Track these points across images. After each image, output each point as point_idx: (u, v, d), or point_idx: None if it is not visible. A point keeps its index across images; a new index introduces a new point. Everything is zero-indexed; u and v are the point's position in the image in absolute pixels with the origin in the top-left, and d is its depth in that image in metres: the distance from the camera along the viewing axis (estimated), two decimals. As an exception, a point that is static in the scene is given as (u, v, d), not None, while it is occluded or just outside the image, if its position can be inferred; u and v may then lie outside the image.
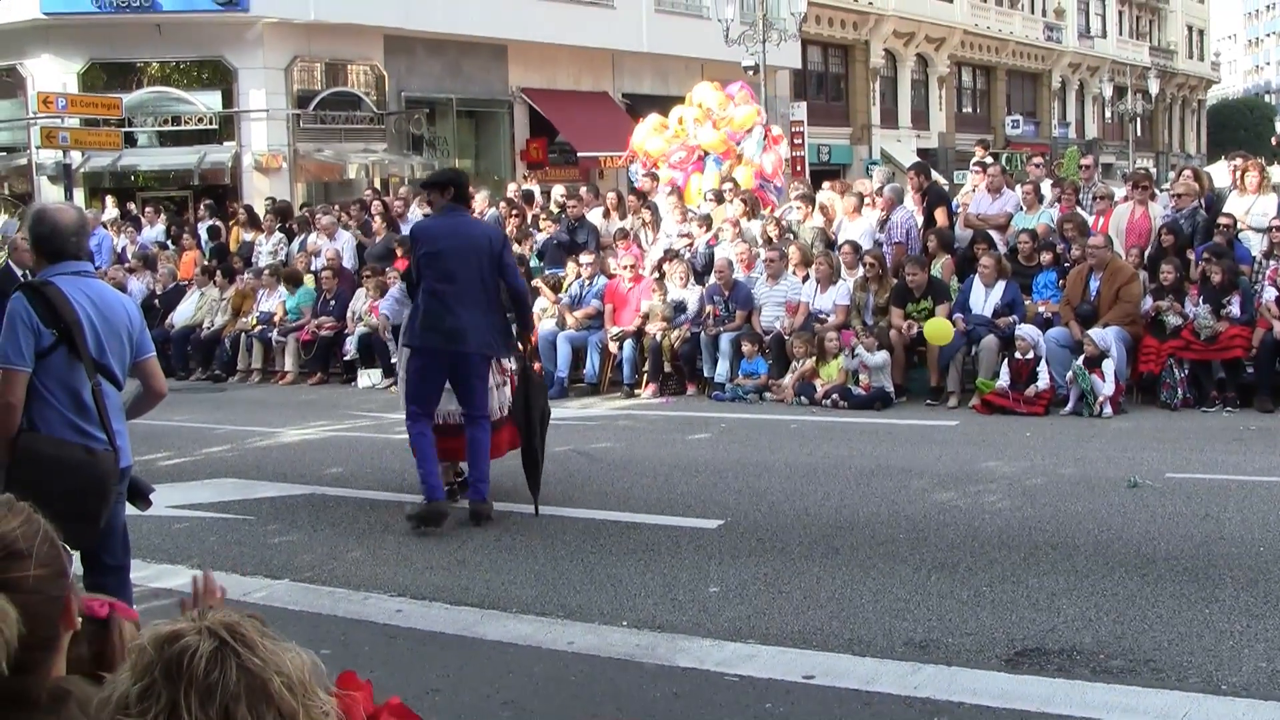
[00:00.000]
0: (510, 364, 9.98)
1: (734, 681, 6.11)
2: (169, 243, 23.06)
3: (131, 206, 27.00)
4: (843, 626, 6.84)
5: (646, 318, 16.42)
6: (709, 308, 16.23)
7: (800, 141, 42.81)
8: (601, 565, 8.24)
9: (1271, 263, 14.42)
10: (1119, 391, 13.73)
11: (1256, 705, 5.66)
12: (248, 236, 22.23)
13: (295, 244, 21.16)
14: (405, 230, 20.11)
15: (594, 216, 19.36)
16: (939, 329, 14.45)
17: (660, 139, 21.17)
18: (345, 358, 18.55)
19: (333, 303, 18.92)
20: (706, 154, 20.81)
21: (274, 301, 19.54)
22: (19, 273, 10.29)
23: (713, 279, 16.53)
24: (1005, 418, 13.54)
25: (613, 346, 16.44)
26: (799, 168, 40.37)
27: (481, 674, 6.37)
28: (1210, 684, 5.90)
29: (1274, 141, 29.29)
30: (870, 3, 53.15)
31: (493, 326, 9.47)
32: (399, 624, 7.19)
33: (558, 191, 20.74)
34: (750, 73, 33.04)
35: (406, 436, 9.66)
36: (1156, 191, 17.16)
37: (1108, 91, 70.51)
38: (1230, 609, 6.92)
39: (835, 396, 14.66)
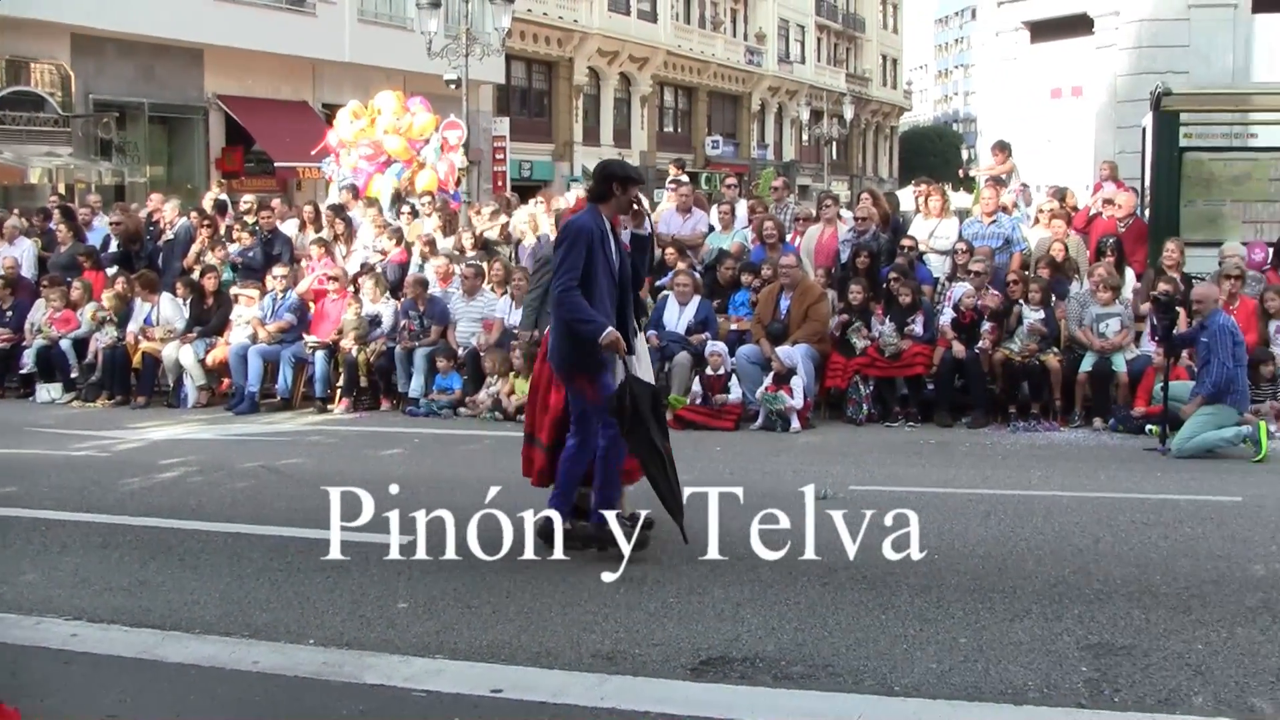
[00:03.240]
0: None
1: (421, 697, 6.08)
2: None
3: None
4: (531, 640, 6.87)
5: (340, 332, 16.24)
6: (404, 322, 16.14)
7: (503, 157, 42.90)
8: (289, 583, 8.10)
9: (953, 285, 15.10)
10: (807, 407, 14.17)
11: (927, 704, 5.92)
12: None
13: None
14: (92, 239, 19.50)
15: (288, 228, 19.04)
16: None
17: (353, 128, 21.06)
18: (22, 371, 17.76)
19: (10, 314, 18.04)
20: (391, 160, 20.84)
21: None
22: None
23: (407, 294, 16.44)
24: (697, 433, 13.82)
25: (308, 352, 16.25)
26: (500, 183, 40.49)
27: (161, 698, 6.19)
28: (884, 686, 6.14)
29: (961, 172, 30.65)
30: (575, 20, 53.59)
31: (555, 333, 8.68)
32: (74, 648, 6.89)
33: (245, 200, 20.28)
34: (453, 86, 32.93)
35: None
36: (843, 213, 17.79)
37: (805, 115, 72.76)
38: (905, 614, 7.22)
39: (529, 412, 14.73)
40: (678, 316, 15.28)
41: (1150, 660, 6.42)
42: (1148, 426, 13.38)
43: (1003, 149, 20.22)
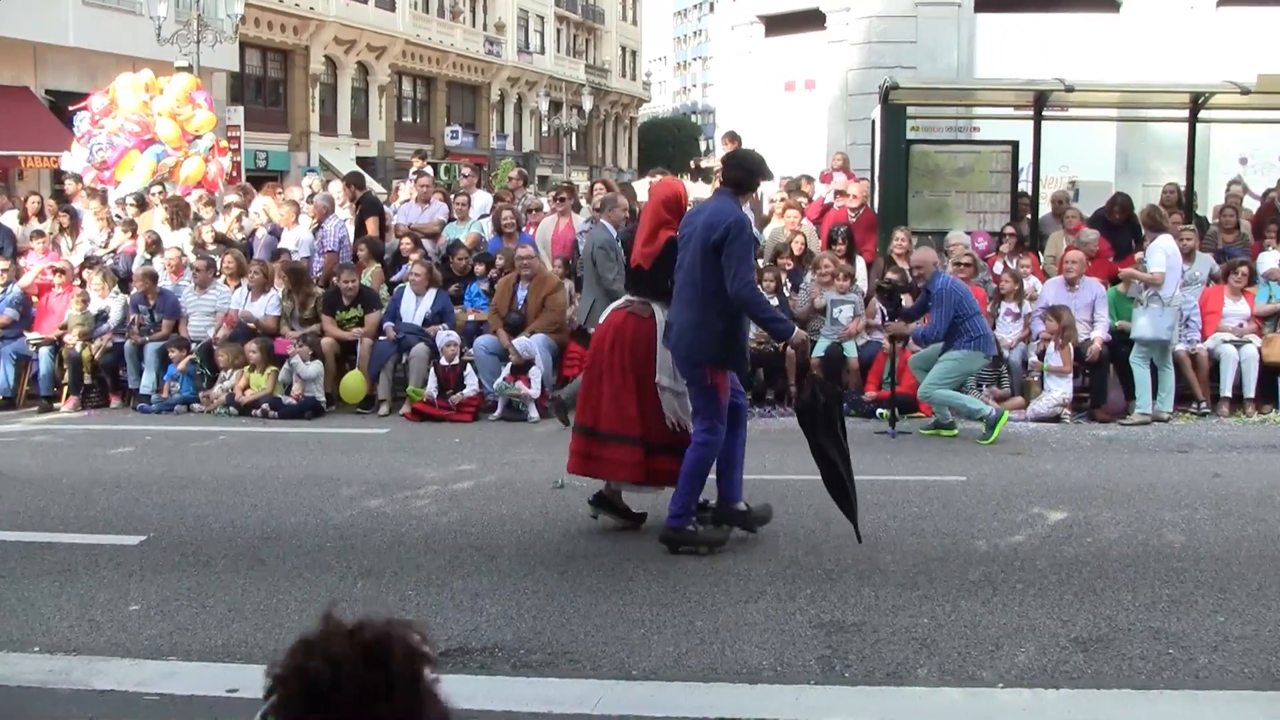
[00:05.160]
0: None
1: (154, 700, 5.97)
2: None
3: None
4: (268, 638, 6.77)
5: (65, 327, 15.73)
6: (134, 316, 15.71)
7: (237, 147, 41.98)
8: (12, 589, 7.81)
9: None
10: (544, 397, 14.21)
11: (663, 687, 6.06)
12: None
13: None
14: None
15: (9, 219, 18.35)
16: (352, 387, 14.69)
17: (135, 99, 20.30)
18: None
19: None
20: (155, 141, 20.15)
21: None
22: None
23: (136, 287, 15.99)
24: (435, 425, 13.81)
25: (31, 349, 15.67)
26: (235, 173, 39.62)
27: (-127, 714, 5.95)
28: (623, 670, 6.25)
29: (692, 163, 31.13)
30: (311, 8, 52.71)
31: (701, 328, 8.24)
32: None
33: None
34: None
35: None
36: (580, 204, 17.91)
37: (545, 106, 72.86)
38: (642, 600, 7.35)
39: (265, 406, 14.50)
40: (414, 308, 15.18)
41: (879, 636, 6.66)
42: (878, 410, 13.81)
43: (733, 139, 20.52)
